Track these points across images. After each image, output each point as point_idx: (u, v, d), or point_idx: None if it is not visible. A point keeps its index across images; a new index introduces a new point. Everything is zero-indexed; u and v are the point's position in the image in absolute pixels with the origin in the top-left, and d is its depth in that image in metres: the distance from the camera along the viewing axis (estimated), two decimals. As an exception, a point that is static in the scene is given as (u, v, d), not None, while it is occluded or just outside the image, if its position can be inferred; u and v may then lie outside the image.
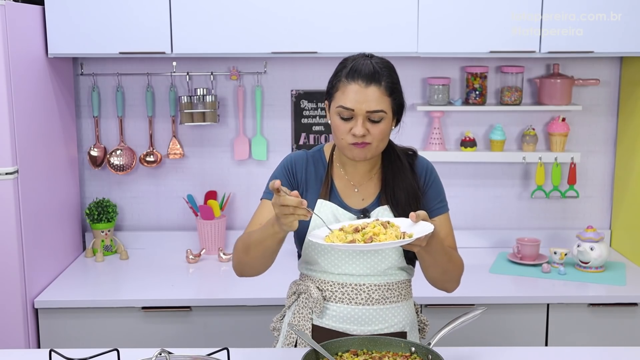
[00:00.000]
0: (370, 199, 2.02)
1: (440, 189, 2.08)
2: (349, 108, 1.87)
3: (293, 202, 1.67)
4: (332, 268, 1.99)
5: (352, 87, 1.88)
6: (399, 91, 1.93)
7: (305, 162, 2.05)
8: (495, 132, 3.31)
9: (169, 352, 1.73)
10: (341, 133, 1.91)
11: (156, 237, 3.42)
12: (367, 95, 1.87)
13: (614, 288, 2.90)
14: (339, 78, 1.92)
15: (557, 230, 3.44)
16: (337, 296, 1.99)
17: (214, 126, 3.35)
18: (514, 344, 2.78)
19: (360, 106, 1.87)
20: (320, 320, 2.01)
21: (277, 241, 1.84)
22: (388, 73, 1.91)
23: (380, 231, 1.75)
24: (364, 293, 1.98)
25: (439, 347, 1.87)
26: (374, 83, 1.87)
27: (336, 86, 1.92)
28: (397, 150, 2.05)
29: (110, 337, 2.79)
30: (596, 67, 3.34)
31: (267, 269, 1.98)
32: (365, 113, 1.87)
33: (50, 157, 3.00)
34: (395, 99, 1.92)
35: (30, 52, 2.81)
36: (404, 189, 1.99)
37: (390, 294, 2.01)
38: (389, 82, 1.89)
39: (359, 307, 1.98)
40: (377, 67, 1.89)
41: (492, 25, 2.92)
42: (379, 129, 1.89)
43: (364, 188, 2.03)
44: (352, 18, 2.90)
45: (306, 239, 1.99)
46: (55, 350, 1.81)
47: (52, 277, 2.97)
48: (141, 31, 2.91)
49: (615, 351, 2.13)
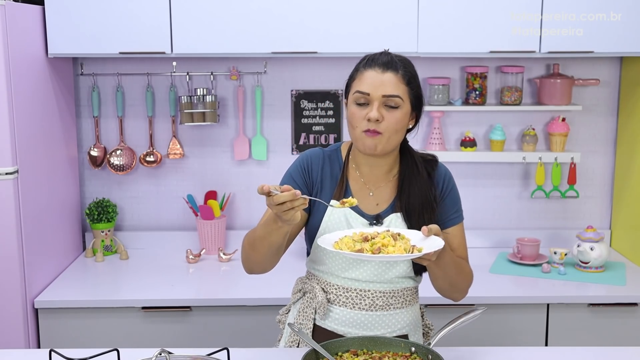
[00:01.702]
0: (385, 204, 1.99)
1: (457, 198, 2.04)
2: (365, 92, 1.87)
3: (287, 198, 1.65)
4: (339, 271, 1.98)
5: (369, 73, 1.88)
6: (416, 83, 1.93)
7: (322, 161, 2.01)
8: (495, 132, 3.31)
9: (169, 352, 1.74)
10: (356, 120, 1.89)
11: (156, 237, 3.42)
12: (384, 80, 1.87)
13: (614, 288, 2.90)
14: (356, 69, 1.93)
15: (557, 230, 3.44)
16: (342, 300, 1.98)
17: (214, 126, 3.35)
18: (514, 344, 2.78)
19: (376, 89, 1.86)
20: (323, 322, 2.01)
21: (281, 235, 1.81)
22: (405, 65, 1.91)
23: (390, 243, 1.73)
24: (368, 299, 1.97)
25: (439, 347, 1.87)
26: (390, 69, 1.88)
27: (353, 76, 1.92)
28: (415, 157, 2.01)
29: (110, 337, 2.79)
30: (596, 67, 3.34)
31: (274, 265, 1.96)
32: (382, 97, 1.86)
33: (50, 157, 3.00)
34: (413, 89, 1.91)
35: (30, 52, 2.81)
36: (419, 197, 1.95)
37: (395, 300, 1.99)
38: (407, 72, 1.90)
39: (362, 313, 1.98)
40: (395, 58, 1.91)
41: (492, 25, 2.92)
42: (394, 117, 1.87)
43: (379, 192, 2.00)
44: (352, 18, 2.90)
45: (315, 241, 1.97)
46: (55, 350, 1.81)
47: (52, 277, 2.97)
48: (141, 31, 2.91)
49: (615, 351, 2.12)
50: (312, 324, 2.01)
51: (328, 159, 2.02)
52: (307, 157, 2.02)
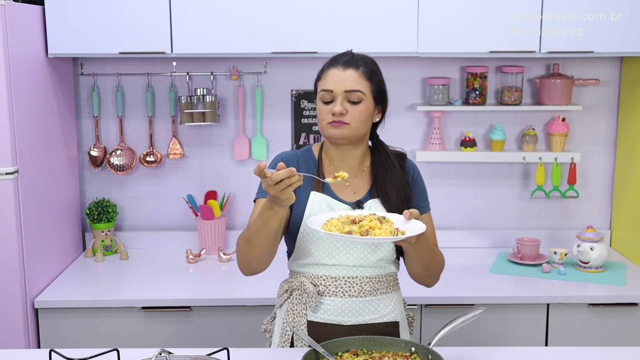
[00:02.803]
0: (362, 193, 2.08)
1: (424, 189, 2.16)
2: (328, 89, 1.99)
3: (284, 174, 1.72)
4: (326, 259, 2.03)
5: (332, 72, 2.00)
6: (378, 79, 2.03)
7: (296, 159, 2.11)
8: (495, 132, 3.31)
9: (169, 352, 1.74)
10: (322, 114, 2.01)
11: (156, 237, 3.42)
12: (345, 77, 1.98)
13: (614, 288, 2.90)
14: (322, 69, 2.05)
15: (557, 230, 3.44)
16: (331, 290, 2.03)
17: (214, 126, 3.35)
18: (514, 344, 2.78)
19: (338, 85, 1.98)
20: (315, 315, 2.04)
21: (278, 221, 1.86)
22: (366, 62, 2.02)
23: (377, 225, 1.82)
24: (356, 285, 2.04)
25: (439, 347, 1.88)
26: (351, 67, 2.00)
27: (319, 76, 2.05)
28: (387, 150, 2.12)
29: (110, 337, 2.79)
30: (596, 67, 3.34)
31: (271, 259, 1.99)
32: (344, 93, 1.97)
33: (50, 157, 3.00)
34: (374, 84, 2.01)
35: (30, 52, 2.81)
36: (394, 184, 2.06)
37: (381, 285, 2.07)
38: (367, 68, 2.01)
39: (352, 300, 2.03)
40: (356, 56, 2.03)
41: (492, 25, 2.92)
42: (357, 109, 1.98)
43: (354, 182, 2.09)
44: (352, 18, 2.90)
45: (301, 229, 2.03)
46: (55, 350, 1.81)
47: (52, 277, 2.97)
48: (141, 31, 2.91)
49: (615, 351, 2.13)
50: (306, 320, 2.03)
51: (302, 157, 2.12)
52: (282, 158, 2.12)
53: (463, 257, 3.26)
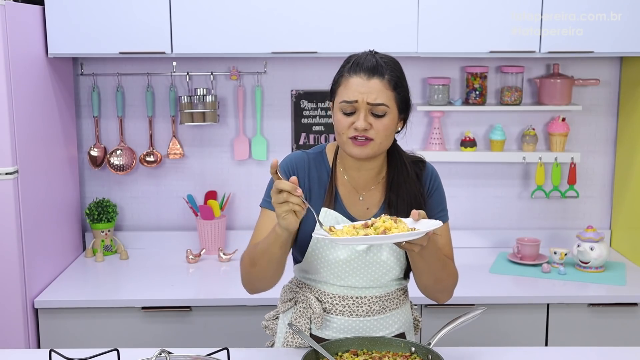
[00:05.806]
0: (375, 208, 1.96)
1: (442, 197, 2.03)
2: (351, 101, 1.82)
3: (287, 186, 1.64)
4: (334, 279, 1.95)
5: (354, 80, 1.82)
6: (403, 87, 1.88)
7: (307, 165, 1.97)
8: (495, 132, 3.31)
9: (169, 352, 1.74)
10: (342, 127, 1.84)
11: (156, 237, 3.42)
12: (370, 87, 1.81)
13: (614, 288, 2.90)
14: (341, 73, 1.87)
15: (557, 230, 3.44)
16: (338, 309, 1.96)
17: (214, 126, 3.36)
18: (514, 344, 2.78)
19: (362, 97, 1.81)
20: (320, 332, 1.98)
21: (279, 246, 1.78)
22: (392, 68, 1.86)
23: (392, 225, 1.70)
24: (365, 305, 1.96)
25: (439, 347, 1.87)
26: (376, 76, 1.82)
27: (338, 82, 1.87)
28: (404, 157, 1.99)
29: (110, 337, 2.79)
30: (596, 67, 3.34)
31: (276, 281, 1.92)
32: (367, 105, 1.81)
33: (50, 157, 3.00)
34: (400, 94, 1.86)
35: (30, 52, 2.81)
36: (407, 198, 1.93)
37: (390, 302, 1.99)
38: (393, 76, 1.84)
39: (360, 319, 1.96)
40: (380, 61, 1.85)
41: (492, 25, 2.92)
42: (382, 124, 1.83)
43: (368, 196, 1.97)
44: (352, 18, 2.90)
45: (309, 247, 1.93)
46: (55, 350, 1.81)
47: (52, 277, 2.97)
48: (141, 31, 2.91)
49: (615, 351, 2.12)
50: (309, 334, 1.97)
51: (314, 162, 1.98)
52: (292, 164, 1.97)
53: (463, 257, 3.24)
